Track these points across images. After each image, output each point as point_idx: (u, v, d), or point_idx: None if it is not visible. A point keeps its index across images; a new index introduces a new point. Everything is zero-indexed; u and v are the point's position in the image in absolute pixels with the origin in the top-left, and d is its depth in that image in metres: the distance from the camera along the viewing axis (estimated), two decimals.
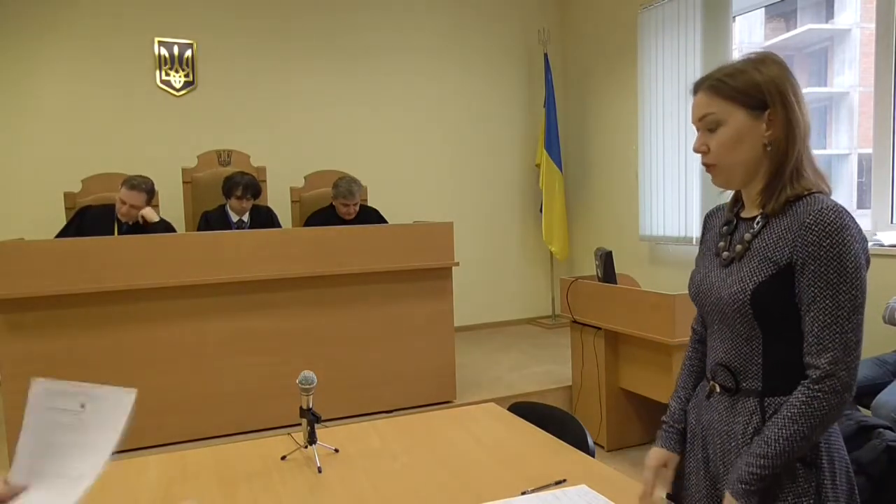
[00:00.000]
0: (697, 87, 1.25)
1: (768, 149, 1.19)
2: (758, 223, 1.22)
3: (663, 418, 1.43)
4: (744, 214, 1.28)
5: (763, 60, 1.20)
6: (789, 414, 1.13)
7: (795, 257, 1.14)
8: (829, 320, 1.11)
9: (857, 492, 1.20)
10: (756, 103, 1.19)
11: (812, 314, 1.13)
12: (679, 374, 1.45)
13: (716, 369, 1.28)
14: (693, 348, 1.44)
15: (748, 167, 1.22)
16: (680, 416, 1.40)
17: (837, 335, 1.10)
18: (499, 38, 5.80)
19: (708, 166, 1.25)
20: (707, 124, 1.22)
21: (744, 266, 1.21)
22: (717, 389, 1.28)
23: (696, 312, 1.42)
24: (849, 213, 1.13)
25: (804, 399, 1.12)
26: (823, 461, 1.16)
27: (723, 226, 1.31)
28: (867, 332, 1.15)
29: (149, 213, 3.61)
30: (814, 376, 1.12)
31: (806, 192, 1.17)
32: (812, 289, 1.12)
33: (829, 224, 1.10)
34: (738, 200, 1.32)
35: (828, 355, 1.11)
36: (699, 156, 1.27)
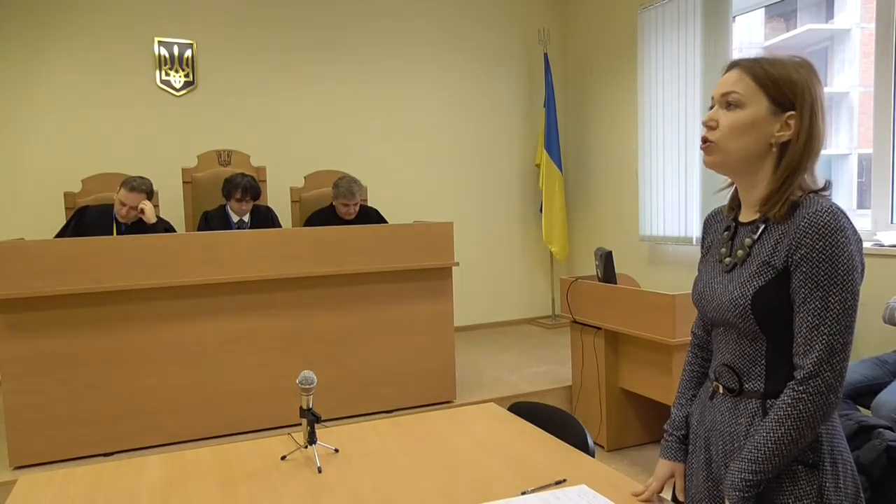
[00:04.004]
0: (734, 65, 1.22)
1: (773, 149, 1.18)
2: (758, 228, 1.21)
3: (665, 426, 1.43)
4: (742, 219, 1.26)
5: (803, 64, 1.18)
6: (776, 417, 1.13)
7: (791, 259, 1.13)
8: (816, 321, 1.10)
9: (862, 494, 1.20)
10: (783, 100, 1.16)
11: (801, 315, 1.12)
12: (680, 380, 1.45)
13: (721, 370, 1.28)
14: (693, 354, 1.44)
15: (746, 159, 1.19)
16: (680, 423, 1.40)
17: (824, 336, 1.10)
18: (499, 38, 5.80)
19: (707, 143, 1.22)
20: (728, 100, 1.19)
21: (744, 271, 1.20)
22: (721, 390, 1.27)
23: (696, 315, 1.41)
24: (845, 215, 1.12)
25: (789, 401, 1.12)
26: (826, 463, 1.15)
27: (723, 231, 1.30)
28: (867, 332, 1.16)
29: (149, 212, 3.61)
30: (799, 377, 1.12)
31: (801, 195, 1.16)
32: (803, 289, 1.12)
33: (823, 226, 1.10)
34: (734, 204, 1.30)
35: (813, 356, 1.10)
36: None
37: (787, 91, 1.16)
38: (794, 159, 1.17)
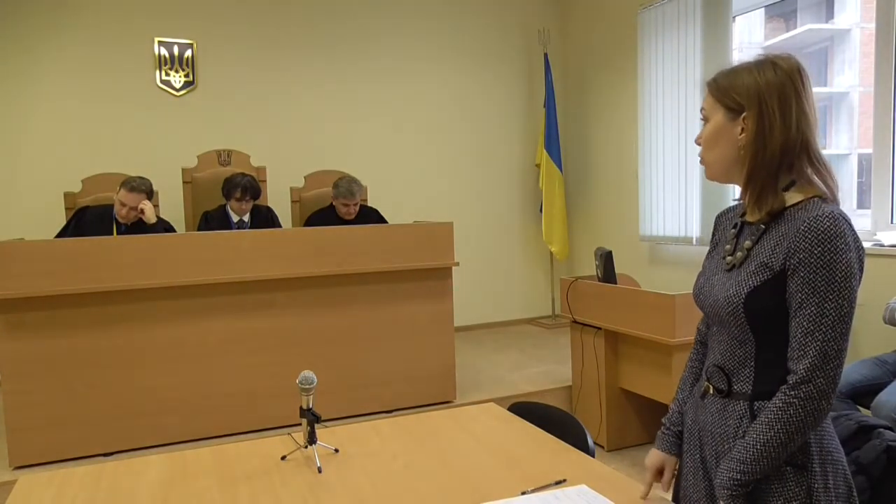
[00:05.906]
0: None
1: (742, 152, 1.20)
2: (760, 228, 1.22)
3: (663, 419, 1.44)
4: (748, 218, 1.28)
5: (763, 63, 1.19)
6: (766, 419, 1.14)
7: (788, 263, 1.13)
8: (811, 327, 1.11)
9: (855, 493, 1.20)
10: (734, 105, 1.20)
11: (797, 320, 1.13)
12: (681, 375, 1.46)
13: (712, 370, 1.29)
14: (695, 350, 1.45)
15: (727, 167, 1.24)
16: (677, 419, 1.41)
17: (818, 343, 1.10)
18: (499, 39, 5.80)
19: (700, 159, 1.31)
20: (701, 118, 1.29)
21: (742, 271, 1.21)
22: (711, 391, 1.28)
23: (701, 313, 1.42)
24: (846, 221, 1.12)
25: (780, 405, 1.12)
26: (815, 464, 1.15)
27: (731, 228, 1.32)
28: (867, 332, 1.16)
29: (149, 212, 3.61)
30: (791, 382, 1.12)
31: (804, 199, 1.17)
32: (799, 294, 1.12)
33: (822, 231, 1.10)
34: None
35: (806, 362, 1.11)
36: (699, 156, 1.30)
37: (735, 94, 1.20)
38: (751, 156, 1.19)
